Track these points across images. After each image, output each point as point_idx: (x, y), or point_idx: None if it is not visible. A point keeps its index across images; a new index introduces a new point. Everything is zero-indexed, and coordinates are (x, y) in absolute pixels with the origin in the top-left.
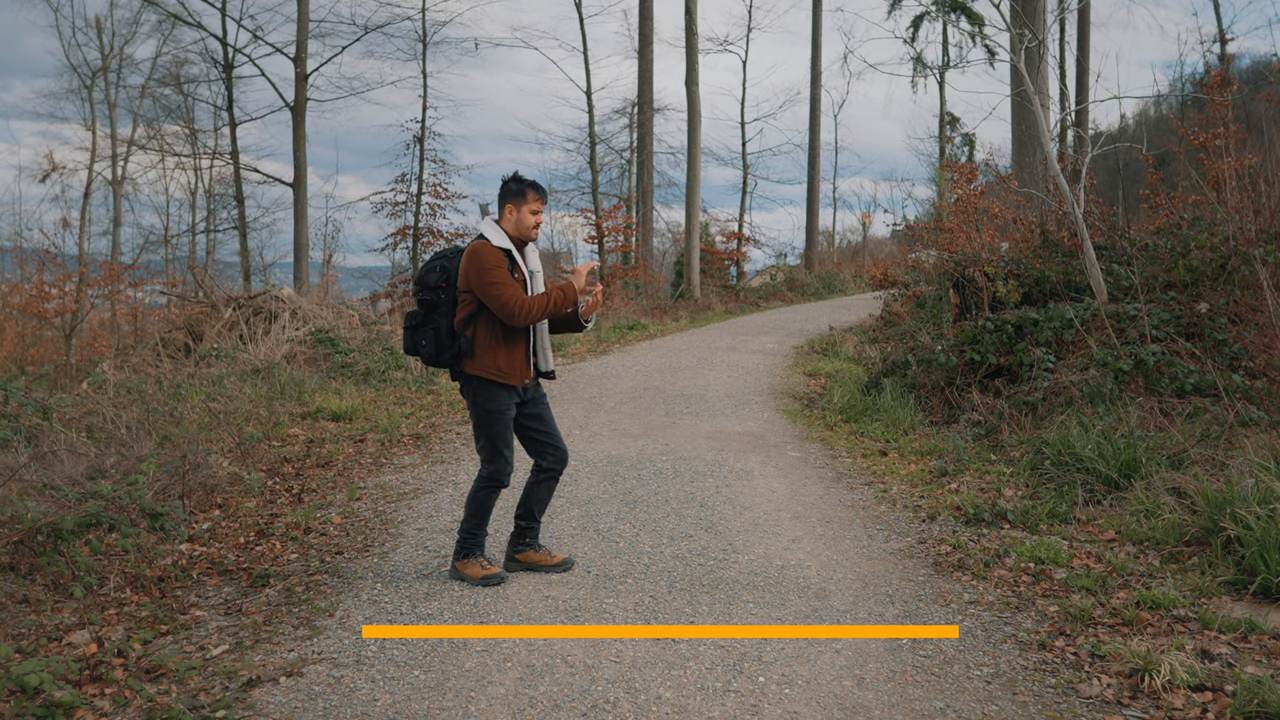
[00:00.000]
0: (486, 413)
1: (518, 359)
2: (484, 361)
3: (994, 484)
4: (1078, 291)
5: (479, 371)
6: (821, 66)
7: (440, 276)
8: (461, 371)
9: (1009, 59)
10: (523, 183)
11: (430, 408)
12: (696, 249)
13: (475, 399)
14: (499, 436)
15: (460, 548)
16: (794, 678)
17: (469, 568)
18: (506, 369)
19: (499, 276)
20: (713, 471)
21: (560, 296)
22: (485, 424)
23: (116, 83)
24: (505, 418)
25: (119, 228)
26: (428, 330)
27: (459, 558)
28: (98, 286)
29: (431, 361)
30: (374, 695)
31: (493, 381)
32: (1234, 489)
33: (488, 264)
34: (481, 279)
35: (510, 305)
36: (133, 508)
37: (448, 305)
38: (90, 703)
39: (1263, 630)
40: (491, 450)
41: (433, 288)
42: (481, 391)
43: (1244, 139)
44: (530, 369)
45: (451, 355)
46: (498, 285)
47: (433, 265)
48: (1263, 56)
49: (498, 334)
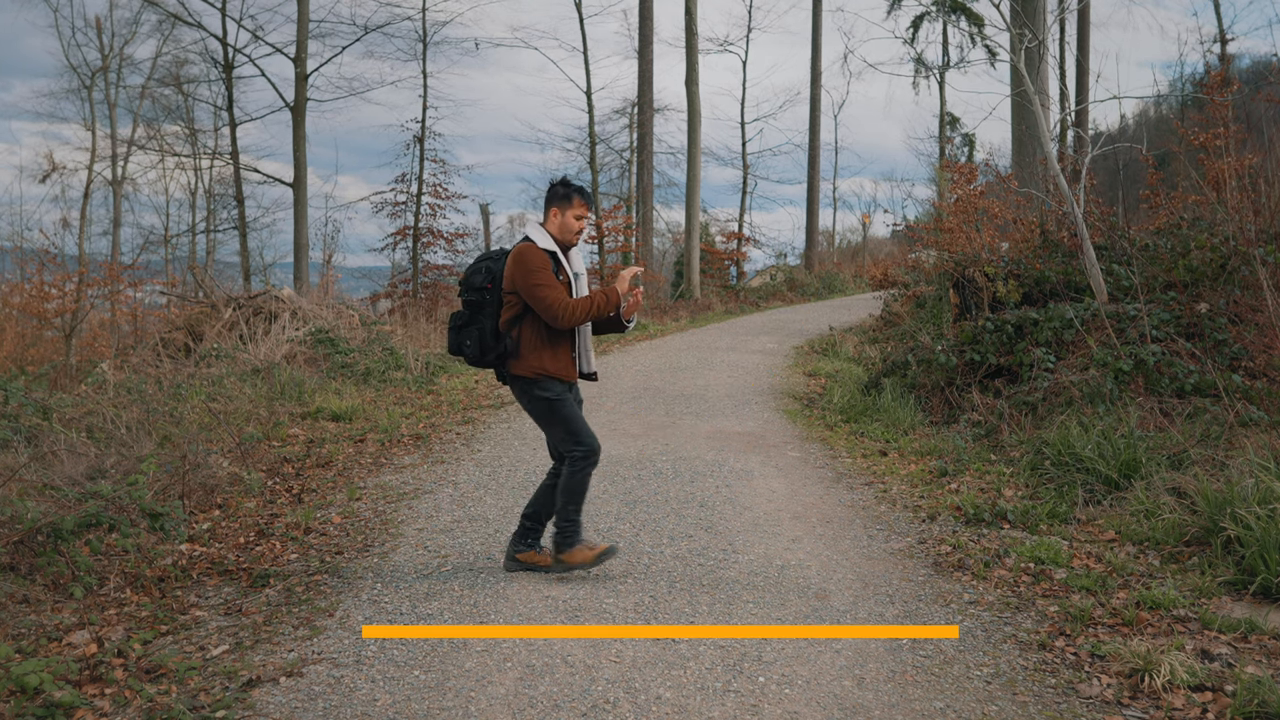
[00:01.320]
0: (550, 402)
1: (563, 360)
2: (530, 362)
3: (994, 484)
4: (1078, 291)
5: (525, 372)
6: (821, 66)
7: (486, 277)
8: (508, 373)
9: (1009, 59)
10: (569, 187)
11: (430, 408)
12: (696, 249)
13: (532, 393)
14: (570, 419)
15: (563, 539)
16: (794, 678)
17: (577, 554)
18: (553, 369)
19: (545, 279)
20: (713, 471)
21: (604, 300)
22: (550, 414)
23: (116, 83)
24: (566, 400)
25: (119, 228)
26: (472, 331)
27: (563, 550)
28: (98, 286)
29: (476, 362)
30: (374, 695)
31: (540, 379)
32: (1234, 489)
33: (534, 266)
34: (527, 281)
35: (555, 307)
36: (133, 508)
37: (493, 306)
38: (90, 703)
39: (1263, 630)
40: (570, 434)
41: (478, 289)
42: (533, 386)
43: (1244, 139)
44: (575, 370)
45: (496, 356)
46: (543, 287)
47: (478, 266)
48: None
49: (543, 335)
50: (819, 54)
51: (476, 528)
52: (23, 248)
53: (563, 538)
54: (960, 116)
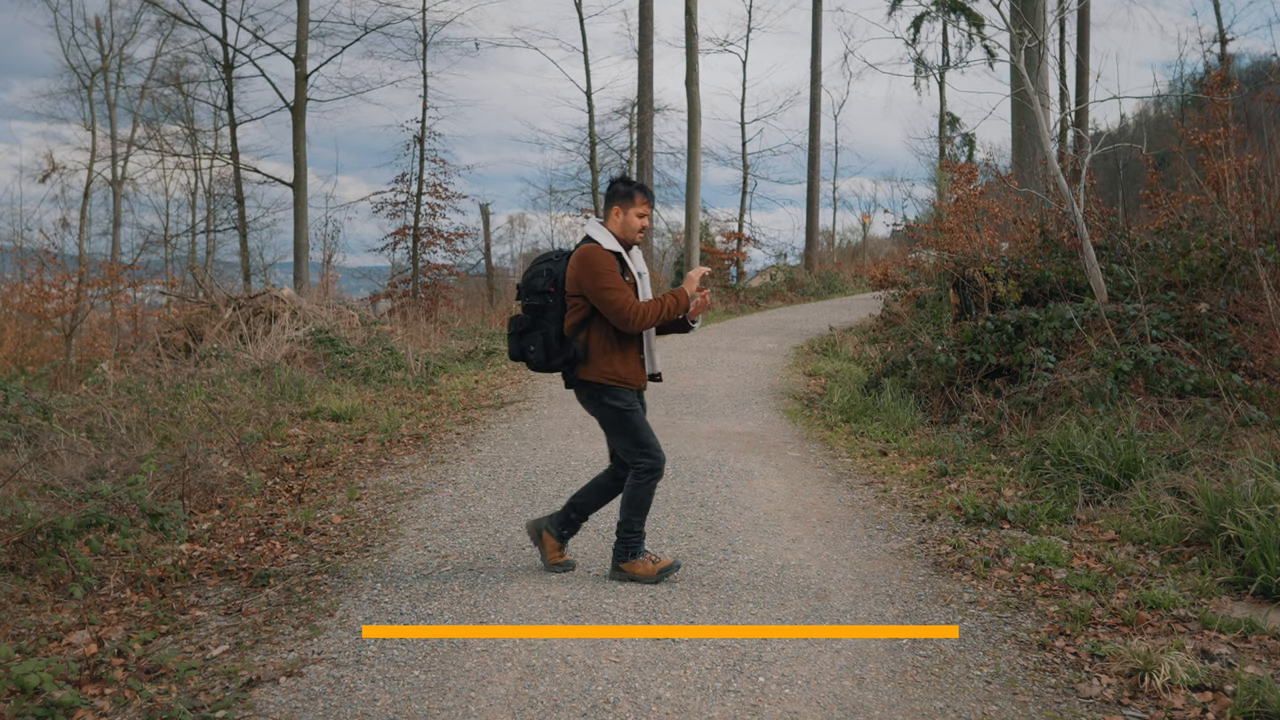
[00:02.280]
0: (618, 412)
1: (633, 363)
2: (600, 367)
3: (994, 484)
4: (1078, 291)
5: (595, 378)
6: (821, 66)
7: (548, 280)
8: (576, 378)
9: (1009, 59)
10: (631, 185)
11: (430, 408)
12: (696, 249)
13: (603, 401)
14: (639, 429)
15: (624, 548)
16: (794, 678)
17: (640, 566)
18: (624, 374)
19: (613, 281)
20: (713, 471)
21: (674, 303)
22: (620, 423)
23: (116, 83)
24: (637, 410)
25: (119, 228)
26: (536, 336)
27: (625, 559)
28: (98, 286)
29: (541, 368)
30: (374, 695)
31: (611, 385)
32: (1234, 489)
33: (601, 268)
34: (596, 283)
35: (625, 311)
36: (133, 508)
37: (556, 310)
38: (90, 703)
39: (1263, 630)
40: (637, 446)
41: (540, 292)
42: (603, 393)
43: (1244, 139)
44: (644, 373)
45: (563, 361)
46: (613, 290)
47: (539, 269)
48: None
49: (612, 338)
50: (819, 54)
51: (476, 528)
52: (23, 248)
53: (625, 548)
54: (960, 116)
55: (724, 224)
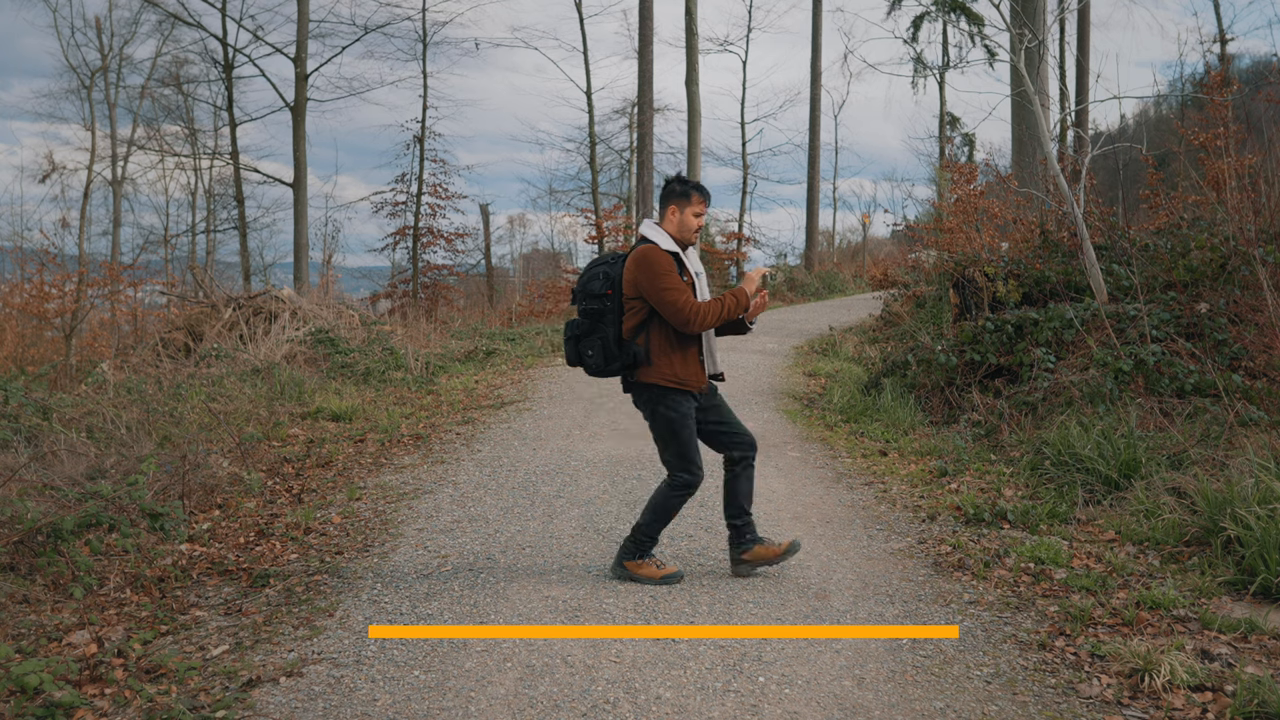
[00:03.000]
0: (670, 420)
1: (693, 365)
2: (661, 369)
3: (994, 484)
4: (1078, 291)
5: (656, 380)
6: (821, 67)
7: (605, 284)
8: (636, 381)
9: (1009, 59)
10: (687, 184)
11: (430, 408)
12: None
13: (657, 409)
14: (687, 443)
15: (634, 547)
16: (794, 678)
17: (644, 568)
18: (684, 376)
19: (673, 282)
20: (712, 471)
21: (734, 303)
22: (671, 432)
23: (116, 83)
24: (689, 423)
25: (119, 228)
26: (594, 340)
27: (631, 557)
28: (98, 286)
29: (599, 372)
30: (374, 695)
31: (671, 388)
32: (1234, 489)
33: (660, 269)
34: (655, 285)
35: (685, 312)
36: (133, 508)
37: (614, 313)
38: (90, 703)
39: (1263, 630)
40: (682, 458)
41: (597, 296)
42: (662, 399)
43: (1244, 139)
44: (704, 374)
45: (622, 364)
46: (672, 291)
47: (595, 272)
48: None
49: (671, 340)
50: (819, 54)
51: (476, 528)
52: (23, 248)
53: (636, 547)
54: (960, 116)
55: (724, 224)
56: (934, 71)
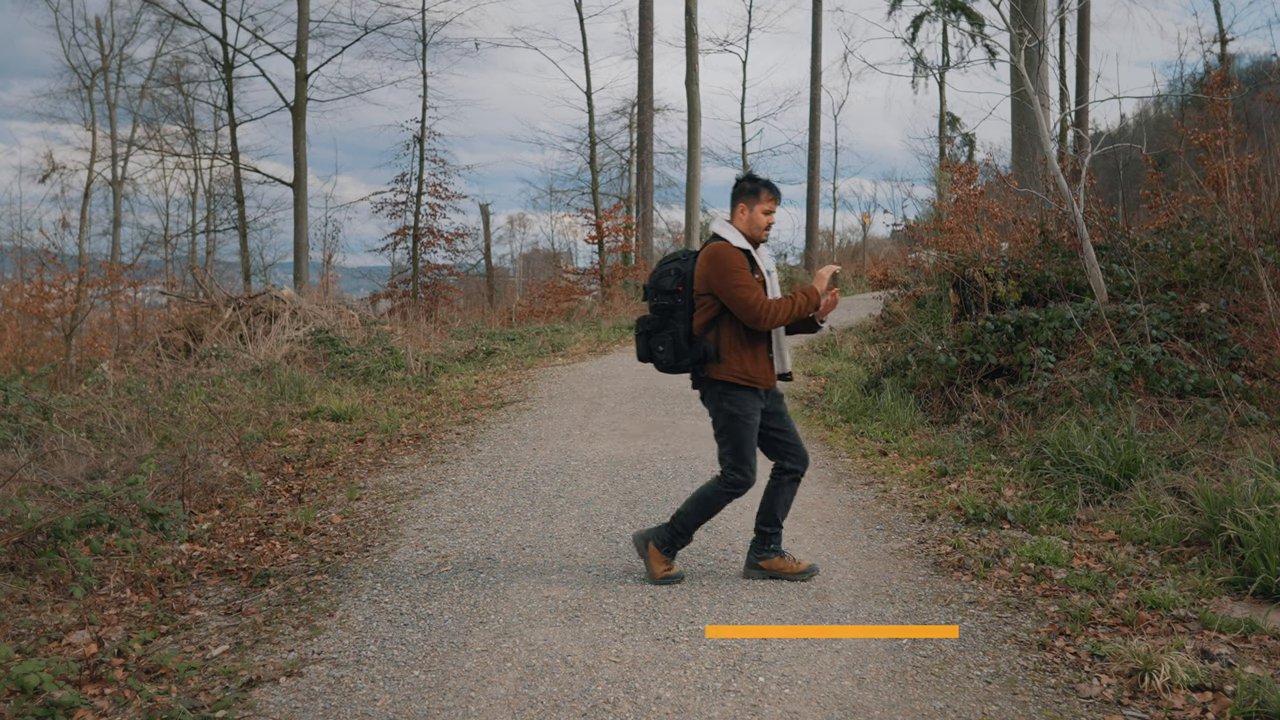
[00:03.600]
0: (734, 418)
1: (762, 362)
2: (731, 366)
3: (994, 484)
4: (1078, 291)
5: (726, 376)
6: (821, 67)
7: (676, 280)
8: (705, 377)
9: (1009, 59)
10: (756, 181)
11: (430, 408)
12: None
13: (721, 404)
14: (746, 442)
15: (670, 537)
16: (794, 678)
17: (661, 563)
18: (754, 373)
19: (744, 279)
20: (712, 472)
21: (804, 301)
22: (733, 430)
23: (116, 83)
24: (752, 423)
25: (119, 228)
26: (665, 336)
27: (660, 544)
28: (98, 286)
29: (669, 368)
30: (374, 695)
31: (740, 386)
32: (1234, 489)
33: (732, 266)
34: (726, 281)
35: (756, 309)
36: (133, 508)
37: (685, 310)
38: (90, 703)
39: (1263, 630)
40: (737, 457)
41: (669, 292)
42: (728, 396)
43: (1244, 139)
44: (774, 372)
45: (692, 361)
46: (743, 288)
47: (666, 269)
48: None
49: (742, 337)
50: (819, 54)
51: (476, 528)
52: (23, 248)
53: (672, 537)
54: (960, 116)
55: None
56: (934, 71)
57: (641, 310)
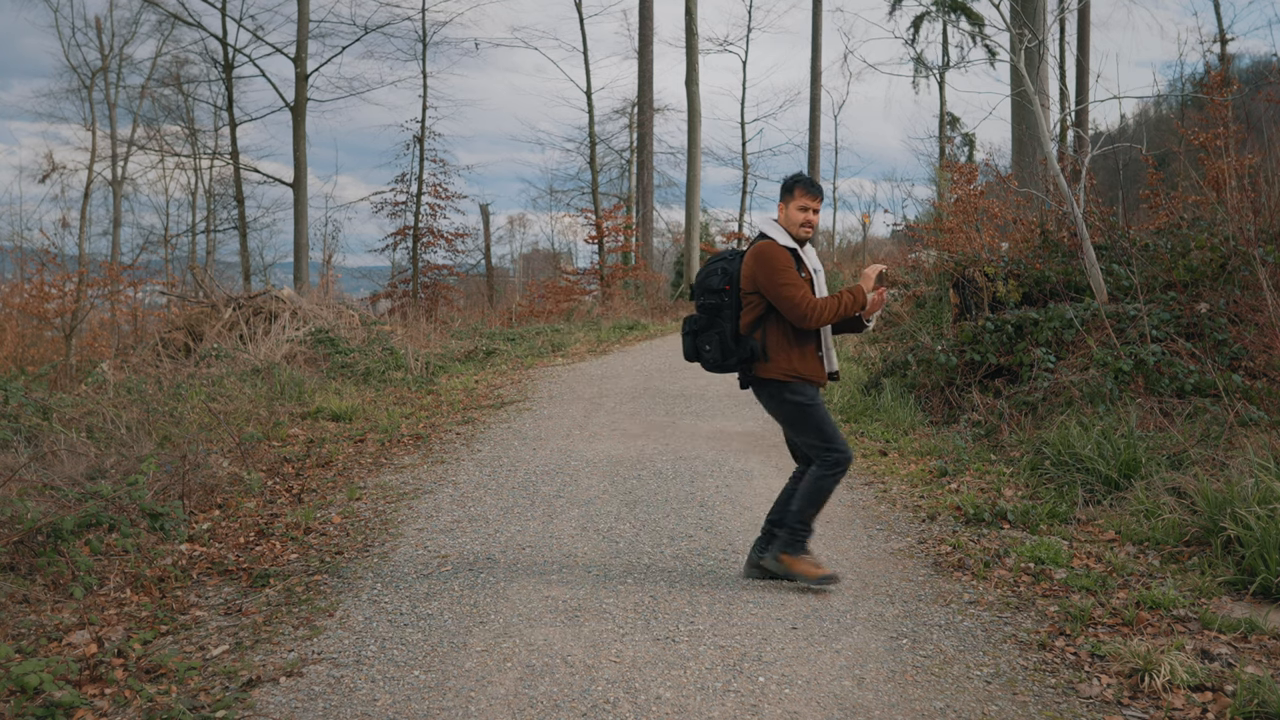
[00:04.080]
0: (801, 405)
1: (811, 360)
2: (779, 364)
3: (994, 484)
4: (1078, 291)
5: (775, 375)
6: (821, 67)
7: (723, 279)
8: (755, 376)
9: (1009, 59)
10: (791, 179)
11: (430, 408)
12: (696, 249)
13: (781, 400)
14: (824, 420)
15: (793, 540)
16: (794, 678)
17: (802, 564)
18: (803, 371)
19: (790, 278)
20: (713, 471)
21: (850, 300)
22: (804, 417)
23: (116, 83)
24: (820, 404)
25: (119, 228)
26: (712, 335)
27: (791, 551)
28: (98, 286)
29: (717, 367)
30: (374, 695)
31: (791, 382)
32: (1234, 489)
33: (779, 265)
34: (772, 280)
35: (802, 307)
36: (133, 508)
37: (732, 309)
38: (90, 703)
39: (1263, 630)
40: (824, 439)
41: (716, 291)
42: (785, 388)
43: (1244, 139)
44: (824, 370)
45: (740, 360)
46: (790, 287)
47: (713, 268)
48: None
49: (789, 336)
50: (819, 54)
51: (476, 528)
52: (23, 248)
53: (793, 540)
54: (960, 116)
55: (724, 224)
56: (934, 71)
57: (641, 310)
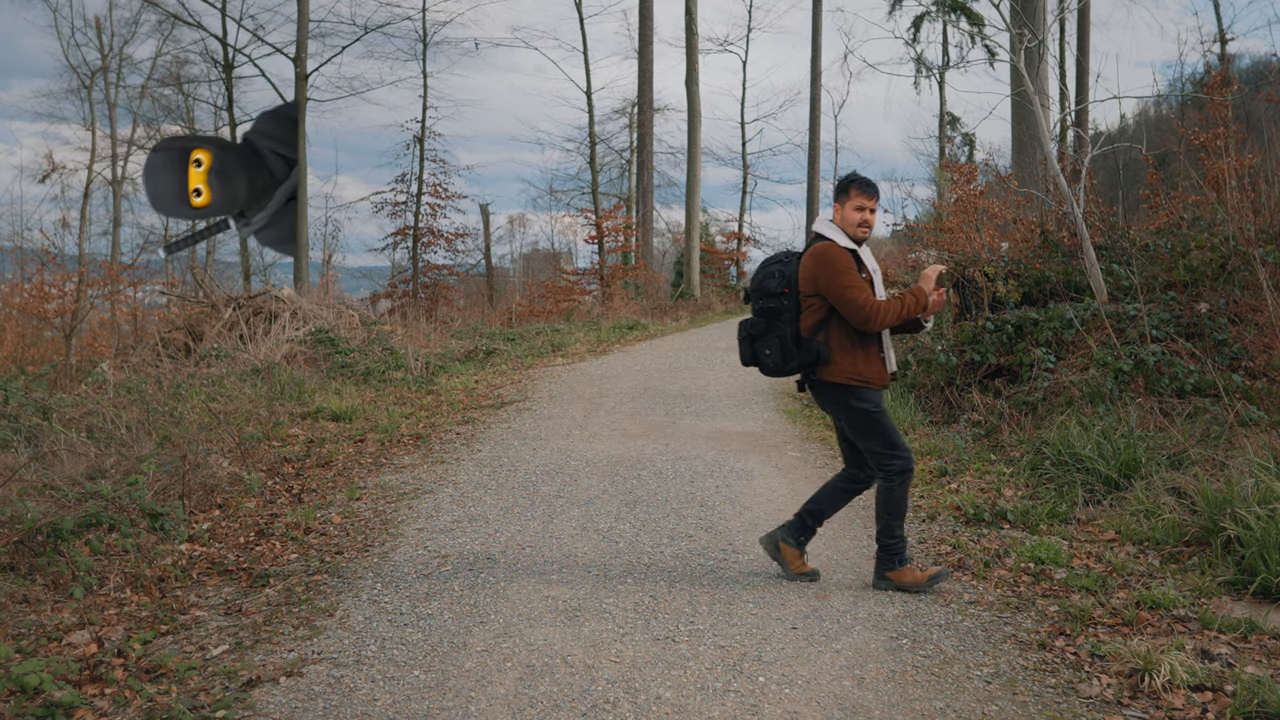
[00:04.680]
0: (867, 413)
1: (875, 363)
2: (843, 367)
3: (994, 484)
4: (1078, 291)
5: (839, 378)
6: (821, 66)
7: (781, 282)
8: (818, 380)
9: (1009, 59)
10: (846, 179)
11: (430, 408)
12: (696, 249)
13: (846, 405)
14: (889, 428)
15: (890, 557)
16: (794, 678)
17: (908, 574)
18: (867, 374)
19: (853, 280)
20: (713, 471)
21: (913, 302)
22: (871, 423)
23: (116, 83)
24: (884, 411)
25: (119, 228)
26: (772, 339)
27: (891, 567)
28: (98, 286)
29: (777, 371)
30: (374, 695)
31: (855, 386)
32: (1234, 489)
33: (840, 267)
34: (835, 282)
35: (865, 309)
36: (133, 508)
37: (791, 312)
38: (90, 703)
39: (1263, 630)
40: (889, 447)
41: (774, 294)
42: (851, 394)
43: (1244, 139)
44: (886, 372)
45: (801, 363)
46: (853, 289)
47: (770, 271)
48: (1263, 56)
49: (852, 338)
50: (819, 54)
51: (476, 528)
52: (23, 248)
53: (890, 555)
54: (960, 116)
55: (724, 224)
56: (934, 71)
57: (641, 310)
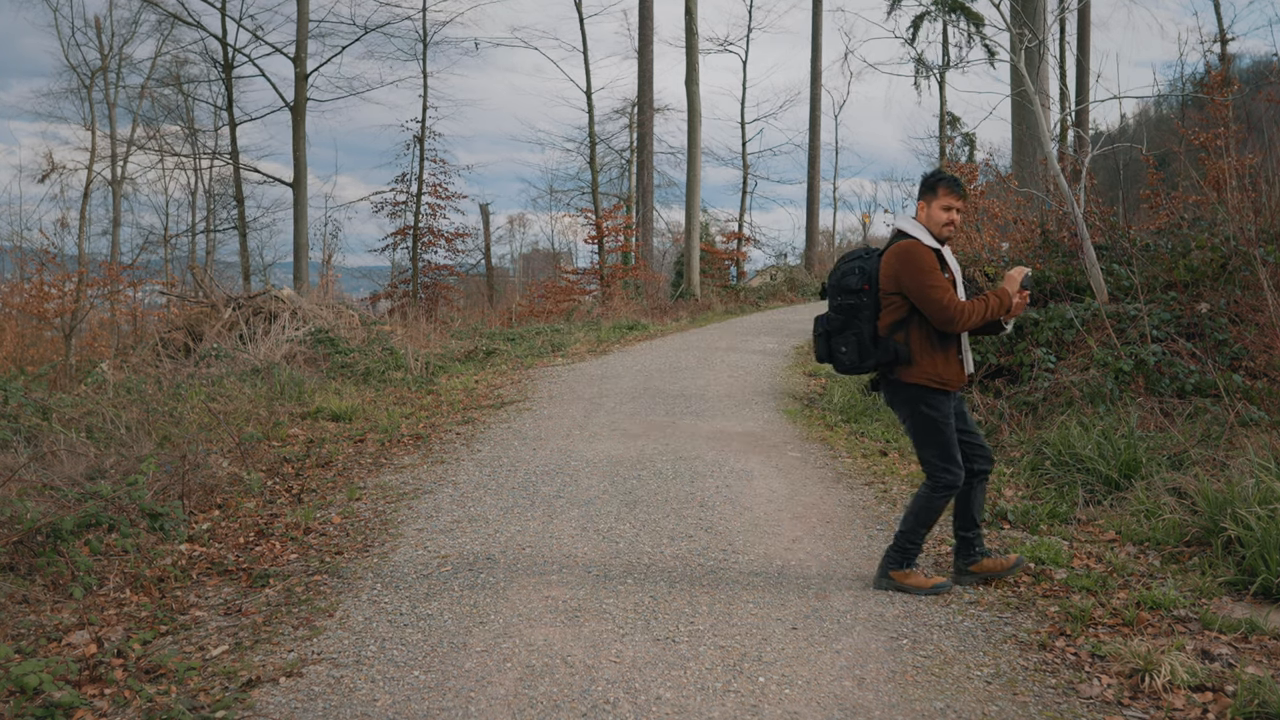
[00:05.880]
0: (934, 420)
1: (954, 364)
2: (924, 368)
3: (994, 484)
4: (1078, 291)
5: (919, 379)
6: (821, 66)
7: (861, 279)
8: (895, 380)
9: (1009, 59)
10: (933, 177)
11: (430, 408)
12: (696, 249)
13: (916, 408)
14: (950, 442)
15: (900, 557)
16: (794, 678)
17: (912, 577)
18: (946, 375)
19: (937, 280)
20: (713, 472)
21: (997, 304)
22: (933, 432)
23: (116, 83)
24: (951, 422)
25: (118, 228)
26: (848, 336)
27: (898, 567)
28: (97, 286)
29: (852, 369)
30: (374, 695)
31: (933, 389)
32: (1234, 489)
33: (925, 266)
34: (919, 281)
35: (949, 310)
36: (132, 508)
37: (870, 309)
38: (90, 703)
39: (1263, 630)
40: (945, 457)
41: (854, 291)
42: (921, 399)
43: (1244, 139)
44: (964, 374)
45: (878, 362)
46: (937, 289)
47: (850, 268)
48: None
49: (932, 338)
50: (819, 54)
51: (476, 528)
52: (22, 248)
53: (902, 556)
54: (960, 116)
55: (724, 224)
56: (934, 71)
57: (641, 310)
